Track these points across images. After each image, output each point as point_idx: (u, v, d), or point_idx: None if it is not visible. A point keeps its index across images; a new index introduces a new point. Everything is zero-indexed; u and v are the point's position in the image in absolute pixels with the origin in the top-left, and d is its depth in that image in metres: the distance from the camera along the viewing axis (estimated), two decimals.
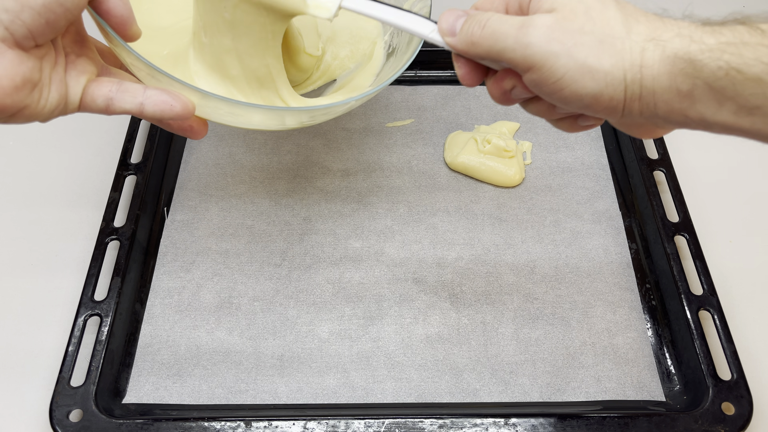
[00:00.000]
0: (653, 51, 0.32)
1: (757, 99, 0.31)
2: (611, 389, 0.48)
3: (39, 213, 0.60)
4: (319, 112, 0.44)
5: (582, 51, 0.33)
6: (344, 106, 0.44)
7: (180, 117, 0.39)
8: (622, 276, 0.54)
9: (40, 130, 0.67)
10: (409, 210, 0.58)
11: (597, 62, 0.32)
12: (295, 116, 0.44)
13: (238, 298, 0.53)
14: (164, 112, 0.38)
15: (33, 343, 0.52)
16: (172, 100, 0.38)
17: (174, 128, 0.43)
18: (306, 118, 0.45)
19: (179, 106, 0.38)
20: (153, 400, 0.48)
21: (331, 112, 0.44)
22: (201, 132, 0.43)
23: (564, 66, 0.33)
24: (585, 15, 0.33)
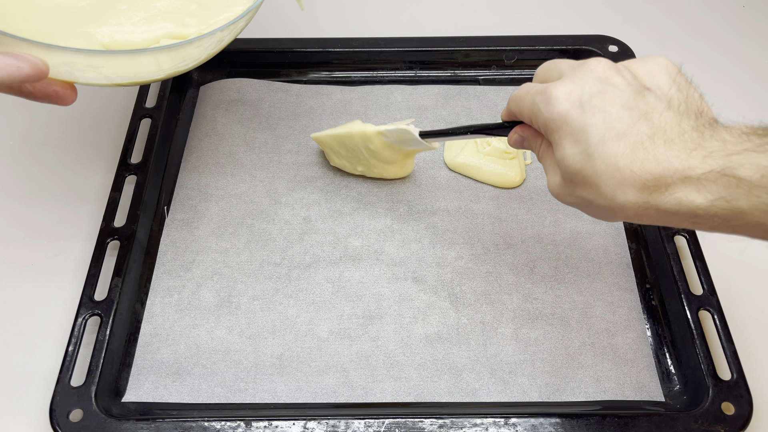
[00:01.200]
0: (645, 208, 0.35)
1: (763, 234, 0.33)
2: (610, 389, 0.48)
3: (39, 213, 0.60)
4: (191, 46, 0.44)
5: (586, 209, 0.39)
6: (211, 37, 0.45)
7: (32, 78, 0.37)
8: (622, 276, 0.54)
9: (41, 130, 0.67)
10: (409, 209, 0.58)
11: (598, 214, 0.38)
12: (165, 54, 0.44)
13: (237, 297, 0.53)
14: (12, 76, 0.36)
15: (33, 343, 0.52)
16: (19, 61, 0.36)
17: (37, 96, 0.41)
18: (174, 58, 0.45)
19: (28, 67, 0.36)
20: (152, 398, 0.48)
21: (200, 44, 0.45)
22: (68, 97, 0.42)
23: (584, 211, 0.40)
24: (579, 185, 0.37)
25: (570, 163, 0.36)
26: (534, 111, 0.39)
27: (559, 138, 0.37)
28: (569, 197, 0.38)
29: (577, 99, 0.36)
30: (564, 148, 0.37)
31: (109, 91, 0.70)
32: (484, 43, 0.70)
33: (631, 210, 0.35)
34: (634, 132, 0.35)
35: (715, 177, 0.32)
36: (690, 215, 0.34)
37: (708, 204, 0.33)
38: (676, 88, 0.36)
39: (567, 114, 0.36)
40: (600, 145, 0.35)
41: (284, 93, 0.68)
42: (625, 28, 0.74)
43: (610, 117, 0.35)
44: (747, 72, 0.72)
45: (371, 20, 0.78)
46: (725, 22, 0.78)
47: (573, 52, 0.69)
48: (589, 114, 0.36)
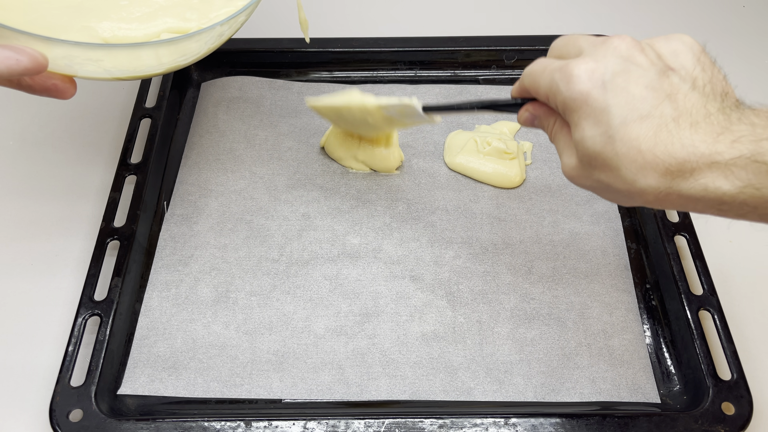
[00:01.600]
0: (667, 193, 0.33)
1: None
2: (606, 390, 0.48)
3: (39, 213, 0.60)
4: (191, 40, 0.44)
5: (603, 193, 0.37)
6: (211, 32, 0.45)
7: (31, 71, 0.37)
8: (620, 278, 0.54)
9: (41, 129, 0.67)
10: (408, 208, 0.58)
11: (615, 198, 0.37)
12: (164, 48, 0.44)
13: (235, 293, 0.53)
14: (11, 69, 0.36)
15: (33, 343, 0.52)
16: (18, 54, 0.36)
17: (36, 89, 0.41)
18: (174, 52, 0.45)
19: (26, 60, 0.36)
20: (148, 392, 0.48)
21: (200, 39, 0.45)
22: (67, 91, 0.41)
23: (599, 195, 0.38)
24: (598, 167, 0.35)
25: (589, 145, 0.35)
26: (552, 89, 0.37)
27: (578, 118, 0.35)
28: (585, 180, 0.37)
29: (600, 78, 0.34)
30: (583, 129, 0.35)
31: (110, 90, 0.70)
32: (484, 43, 0.70)
33: (651, 195, 0.34)
34: (657, 114, 0.33)
35: (744, 163, 0.31)
36: (716, 202, 0.32)
37: (736, 191, 0.31)
38: (700, 68, 0.35)
39: (588, 94, 0.34)
40: (622, 126, 0.33)
41: (286, 91, 0.68)
42: (625, 29, 0.74)
43: (633, 98, 0.34)
44: (747, 72, 0.72)
45: (371, 20, 0.78)
46: (725, 21, 0.78)
47: None
48: (611, 94, 0.34)
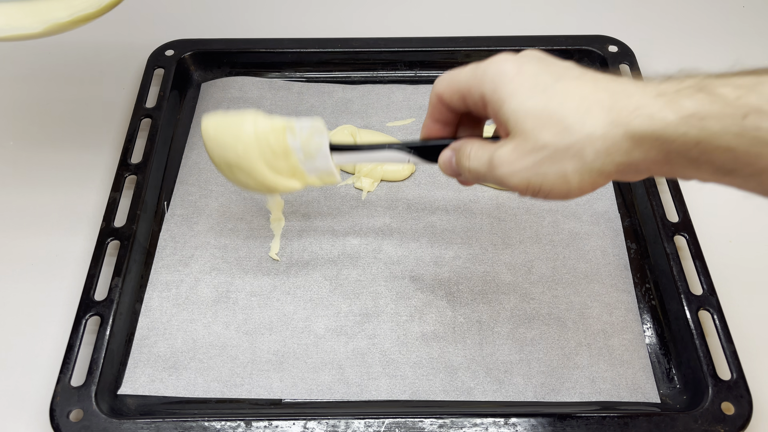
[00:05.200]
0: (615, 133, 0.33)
1: (730, 164, 0.31)
2: (605, 390, 0.48)
3: (39, 213, 0.60)
4: None
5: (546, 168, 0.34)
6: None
7: None
8: (620, 278, 0.54)
9: (41, 130, 0.67)
10: (408, 208, 0.59)
11: (562, 172, 0.34)
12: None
13: (235, 293, 0.53)
14: None
15: (33, 343, 0.52)
16: None
17: None
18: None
19: None
20: (148, 392, 0.48)
21: None
22: None
23: (538, 185, 0.35)
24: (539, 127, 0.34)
25: (531, 104, 0.34)
26: (477, 74, 0.36)
27: (513, 87, 0.35)
28: (527, 157, 0.34)
29: (525, 59, 0.35)
30: (520, 93, 0.34)
31: (110, 90, 0.70)
32: (484, 43, 0.70)
33: (599, 139, 0.32)
34: (590, 77, 0.34)
35: (689, 93, 0.31)
36: (660, 135, 0.31)
37: (679, 120, 0.31)
38: None
39: (519, 65, 0.35)
40: (560, 81, 0.34)
41: (286, 91, 0.68)
42: (625, 29, 0.74)
43: (562, 68, 0.35)
44: None
45: (371, 20, 0.78)
46: (725, 21, 0.78)
47: (573, 52, 0.69)
48: (541, 66, 0.35)
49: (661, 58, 0.73)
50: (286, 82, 0.69)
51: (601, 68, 0.68)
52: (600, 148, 0.33)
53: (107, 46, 0.74)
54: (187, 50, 0.69)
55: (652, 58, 0.72)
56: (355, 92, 0.68)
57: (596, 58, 0.69)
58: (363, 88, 0.68)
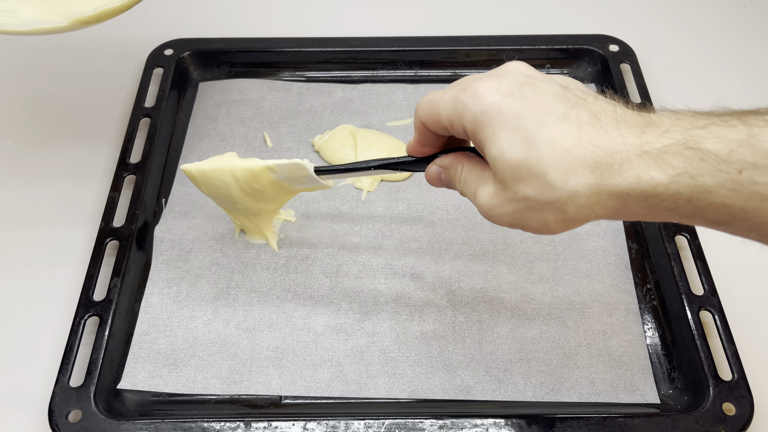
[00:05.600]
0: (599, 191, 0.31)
1: (726, 218, 0.30)
2: (605, 391, 0.48)
3: (38, 213, 0.60)
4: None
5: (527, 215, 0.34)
6: None
7: None
8: (620, 278, 0.54)
9: (40, 130, 0.67)
10: (408, 207, 0.58)
11: (543, 219, 0.34)
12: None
13: (235, 290, 0.53)
14: None
15: (32, 344, 0.52)
16: None
17: None
18: None
19: None
20: (148, 387, 0.48)
21: None
22: None
23: (520, 226, 0.35)
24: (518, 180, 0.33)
25: (510, 156, 0.32)
26: (458, 109, 0.34)
27: (493, 132, 0.33)
28: (508, 205, 0.34)
29: (508, 89, 0.33)
30: (500, 141, 0.32)
31: (109, 90, 0.70)
32: (484, 42, 0.70)
33: (583, 197, 0.31)
34: (574, 114, 0.32)
35: (677, 150, 0.29)
36: (649, 194, 0.30)
37: (669, 180, 0.29)
38: (593, 92, 0.35)
39: (500, 103, 0.33)
40: (541, 128, 0.32)
41: (285, 92, 0.68)
42: (626, 28, 0.73)
43: (545, 103, 0.32)
44: (748, 72, 0.72)
45: (371, 19, 0.78)
46: (726, 21, 0.78)
47: (573, 51, 0.69)
48: (523, 101, 0.32)
49: (661, 58, 0.73)
50: (286, 83, 0.69)
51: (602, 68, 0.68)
52: (583, 204, 0.32)
53: (106, 45, 0.74)
54: (186, 49, 0.69)
55: (652, 58, 0.72)
56: (355, 92, 0.68)
57: (597, 58, 0.69)
58: (363, 88, 0.68)
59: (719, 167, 0.28)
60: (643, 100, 0.64)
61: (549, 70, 0.69)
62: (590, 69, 0.69)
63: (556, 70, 0.69)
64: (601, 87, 0.67)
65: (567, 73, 0.69)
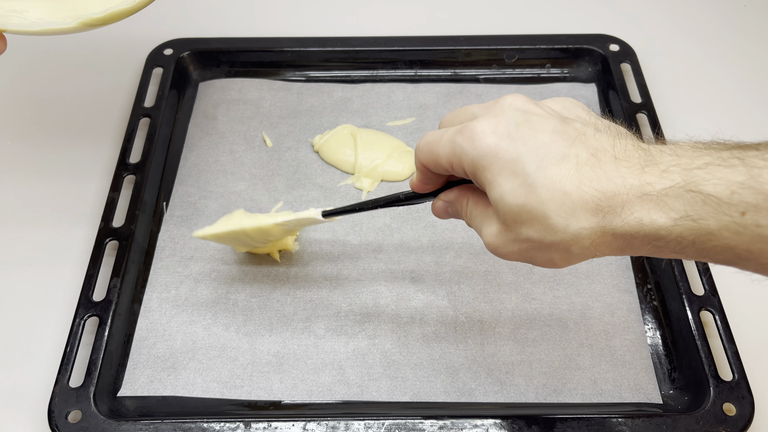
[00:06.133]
0: (602, 233, 0.31)
1: (730, 259, 0.30)
2: (607, 391, 0.48)
3: (37, 213, 0.60)
4: None
5: (532, 254, 0.34)
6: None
7: None
8: (621, 278, 0.54)
9: (39, 129, 0.67)
10: (408, 208, 0.58)
11: (548, 258, 0.34)
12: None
13: (235, 294, 0.53)
14: None
15: (31, 344, 0.52)
16: None
17: None
18: None
19: None
20: (147, 392, 0.48)
21: None
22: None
23: (527, 262, 0.35)
24: (520, 223, 0.33)
25: (510, 200, 0.32)
26: (456, 153, 0.34)
27: (492, 175, 0.33)
28: (513, 244, 0.34)
29: (504, 130, 0.33)
30: (500, 185, 0.32)
31: (108, 89, 0.70)
32: (484, 42, 0.70)
33: (586, 239, 0.31)
34: (573, 154, 0.31)
35: (677, 193, 0.29)
36: (652, 237, 0.30)
37: (672, 224, 0.29)
38: (595, 118, 0.34)
39: (497, 146, 0.32)
40: (540, 171, 0.31)
41: (285, 92, 0.68)
42: (626, 28, 0.73)
43: (543, 143, 0.32)
44: (748, 71, 0.72)
45: (371, 19, 0.78)
46: (727, 21, 0.78)
47: (574, 51, 0.69)
48: (520, 143, 0.32)
49: (661, 58, 0.73)
50: (286, 83, 0.69)
51: (602, 68, 0.68)
52: (587, 245, 0.32)
53: (106, 45, 0.74)
54: (186, 49, 0.69)
55: (653, 57, 0.71)
56: (354, 91, 0.67)
57: (597, 57, 0.69)
58: (363, 87, 0.68)
59: (722, 210, 0.28)
60: (644, 99, 0.64)
61: (549, 69, 0.69)
62: (590, 69, 0.69)
63: (556, 70, 0.69)
64: (602, 89, 0.67)
65: (567, 72, 0.69)
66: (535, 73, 0.69)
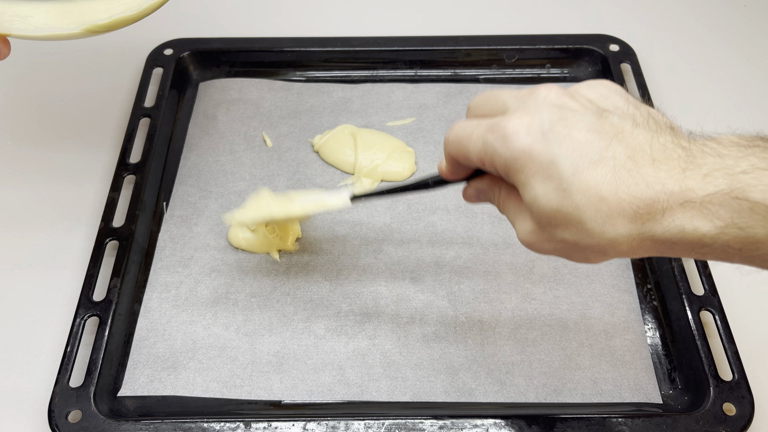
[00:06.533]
0: (640, 239, 0.31)
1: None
2: (607, 391, 0.48)
3: (37, 213, 0.60)
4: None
5: (567, 253, 0.34)
6: None
7: None
8: (621, 278, 0.54)
9: (39, 129, 0.67)
10: (408, 208, 0.58)
11: (584, 257, 0.34)
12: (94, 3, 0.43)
13: (235, 294, 0.53)
14: None
15: (31, 344, 0.52)
16: None
17: None
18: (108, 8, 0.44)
19: None
20: (147, 392, 0.48)
21: None
22: (1, 52, 0.42)
23: (563, 258, 0.35)
24: (555, 225, 0.32)
25: (544, 204, 0.31)
26: (488, 152, 0.33)
27: (525, 178, 0.32)
28: (547, 244, 0.33)
29: (538, 130, 0.31)
30: (534, 189, 0.31)
31: (108, 89, 0.70)
32: (484, 42, 0.70)
33: (624, 245, 0.31)
34: (610, 155, 0.30)
35: (722, 200, 0.28)
36: (696, 245, 0.29)
37: (717, 231, 0.28)
38: (633, 107, 0.33)
39: (531, 148, 0.31)
40: (576, 176, 0.30)
41: (285, 92, 0.68)
42: (626, 28, 0.73)
43: (579, 144, 0.31)
44: (749, 71, 0.72)
45: (371, 20, 0.78)
46: (727, 21, 0.78)
47: (574, 51, 0.69)
48: (555, 144, 0.31)
49: (661, 58, 0.72)
50: (286, 83, 0.69)
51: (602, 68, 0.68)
52: (624, 250, 0.31)
53: (105, 45, 0.74)
54: (186, 49, 0.69)
55: (652, 58, 0.71)
56: (354, 91, 0.67)
57: (597, 57, 0.69)
58: (363, 87, 0.68)
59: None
60: (644, 99, 0.64)
61: (549, 69, 0.69)
62: (591, 69, 0.69)
63: (556, 70, 0.69)
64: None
65: (567, 73, 0.69)
66: (535, 74, 0.70)
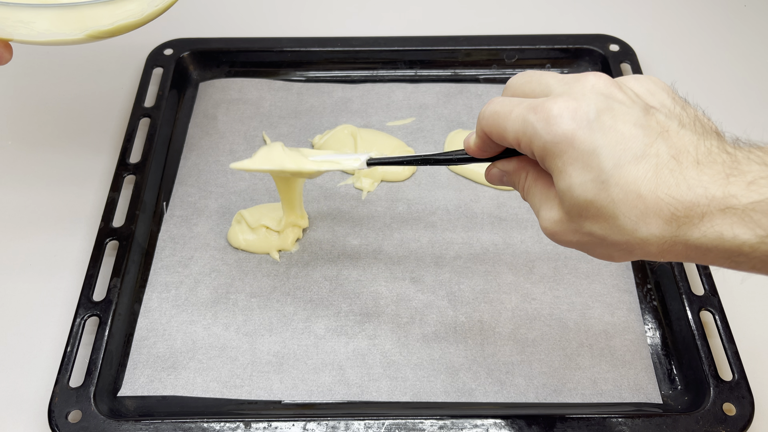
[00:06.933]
0: (673, 242, 0.30)
1: None
2: (607, 391, 0.48)
3: (37, 213, 0.60)
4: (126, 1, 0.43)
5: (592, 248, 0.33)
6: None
7: None
8: (621, 278, 0.54)
9: (39, 129, 0.67)
10: (408, 208, 0.58)
11: (608, 254, 0.33)
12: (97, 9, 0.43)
13: (235, 294, 0.53)
14: None
15: (31, 344, 0.52)
16: None
17: None
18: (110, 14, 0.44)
19: None
20: (147, 392, 0.48)
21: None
22: (2, 56, 0.42)
23: (583, 252, 0.34)
24: (586, 218, 0.31)
25: (579, 193, 0.30)
26: (527, 132, 0.32)
27: (563, 165, 0.31)
28: (572, 235, 0.32)
29: (584, 117, 0.30)
30: (570, 176, 0.31)
31: (108, 89, 0.70)
32: (484, 42, 0.70)
33: (654, 246, 0.30)
34: (653, 153, 0.29)
35: (766, 208, 0.27)
36: (733, 253, 0.28)
37: (758, 240, 0.27)
38: (680, 107, 0.32)
39: (574, 135, 0.30)
40: (616, 169, 0.29)
41: (285, 92, 0.68)
42: (626, 28, 0.73)
43: (623, 137, 0.30)
44: (749, 71, 0.72)
45: (371, 20, 0.78)
46: (727, 21, 0.78)
47: (574, 51, 0.69)
48: (599, 134, 0.30)
49: (661, 58, 0.73)
50: (286, 83, 0.69)
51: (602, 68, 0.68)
52: (653, 252, 0.30)
53: (105, 45, 0.73)
54: (186, 49, 0.69)
55: (653, 57, 0.71)
56: (354, 91, 0.67)
57: (597, 57, 0.69)
58: (363, 87, 0.68)
59: None
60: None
61: (549, 70, 0.69)
62: (591, 69, 0.69)
63: (556, 70, 0.69)
64: None
65: (567, 72, 0.69)
66: None
